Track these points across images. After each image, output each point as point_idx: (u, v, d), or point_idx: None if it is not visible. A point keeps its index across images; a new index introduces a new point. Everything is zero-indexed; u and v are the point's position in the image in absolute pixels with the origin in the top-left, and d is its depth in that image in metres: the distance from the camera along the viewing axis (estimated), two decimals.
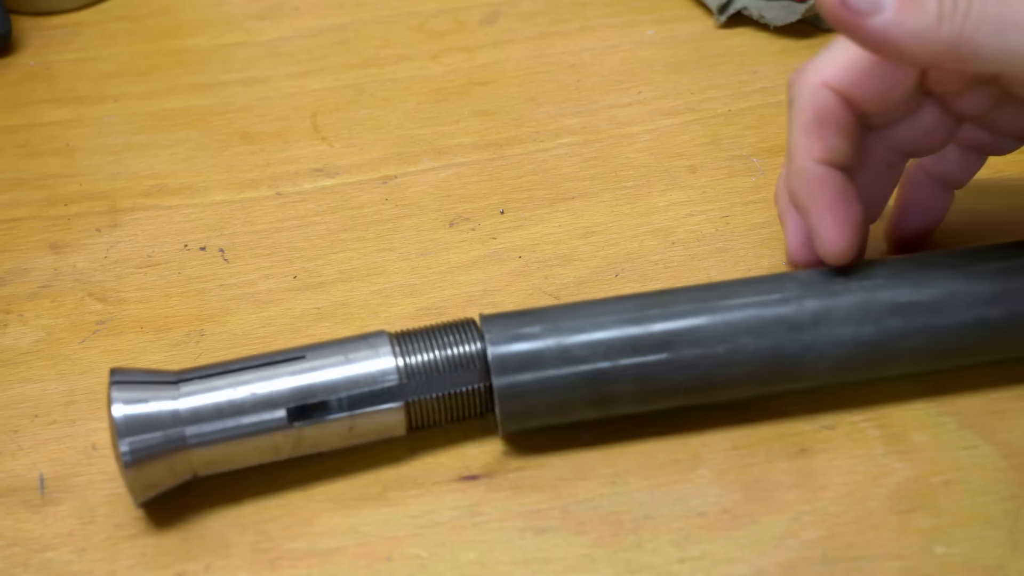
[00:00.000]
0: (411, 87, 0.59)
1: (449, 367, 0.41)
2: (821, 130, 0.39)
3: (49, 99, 0.60)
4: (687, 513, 0.40)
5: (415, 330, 0.42)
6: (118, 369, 0.40)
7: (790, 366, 0.40)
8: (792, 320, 0.40)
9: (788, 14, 0.60)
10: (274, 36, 0.63)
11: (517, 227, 0.51)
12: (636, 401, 0.41)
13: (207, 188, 0.54)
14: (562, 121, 0.56)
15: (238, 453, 0.40)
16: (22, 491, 0.42)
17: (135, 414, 0.39)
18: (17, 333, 0.48)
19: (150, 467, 0.39)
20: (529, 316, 0.41)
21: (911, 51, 0.36)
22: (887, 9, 0.36)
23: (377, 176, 0.54)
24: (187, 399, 0.39)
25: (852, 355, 0.40)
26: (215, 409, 0.39)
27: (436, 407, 0.41)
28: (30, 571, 0.40)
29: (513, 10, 0.63)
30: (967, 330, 0.40)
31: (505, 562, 0.39)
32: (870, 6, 0.36)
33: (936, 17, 0.35)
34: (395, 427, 0.41)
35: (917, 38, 0.35)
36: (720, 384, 0.40)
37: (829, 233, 0.40)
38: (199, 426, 0.39)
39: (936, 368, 0.42)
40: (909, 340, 0.40)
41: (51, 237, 0.52)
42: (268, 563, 0.40)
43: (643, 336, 0.40)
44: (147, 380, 0.40)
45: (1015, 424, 0.42)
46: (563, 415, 0.41)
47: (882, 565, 0.38)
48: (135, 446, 0.39)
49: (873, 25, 0.36)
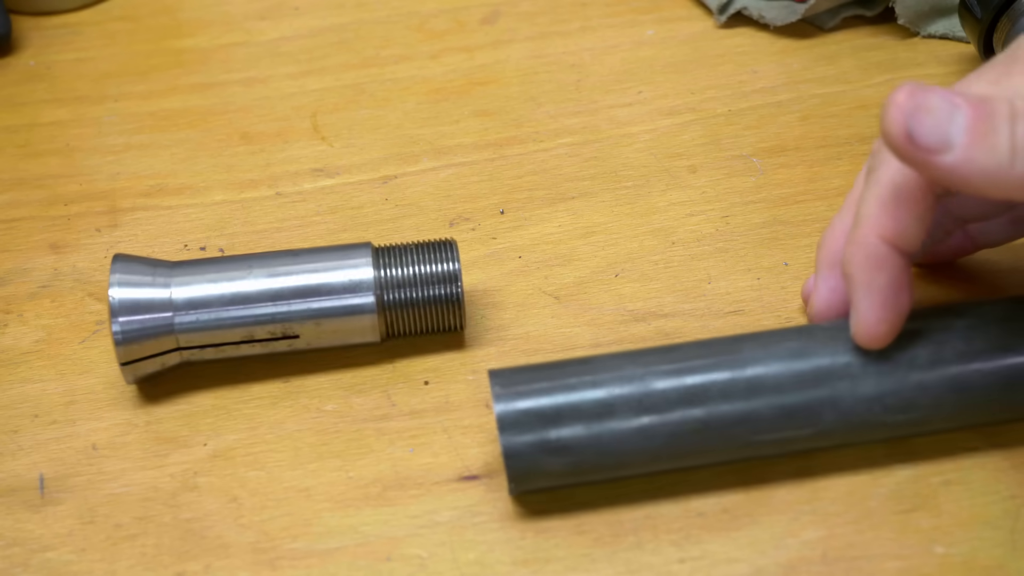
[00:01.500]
0: (411, 87, 0.59)
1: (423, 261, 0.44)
2: (898, 209, 0.37)
3: (49, 99, 0.60)
4: (687, 513, 0.40)
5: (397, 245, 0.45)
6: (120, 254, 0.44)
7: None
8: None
9: (788, 14, 0.60)
10: (274, 36, 0.63)
11: (517, 227, 0.51)
12: (647, 462, 0.40)
13: (207, 188, 0.54)
14: (562, 121, 0.56)
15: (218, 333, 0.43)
16: (22, 491, 0.42)
17: (129, 298, 0.43)
18: (17, 333, 0.48)
19: (139, 346, 0.43)
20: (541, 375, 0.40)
21: (983, 189, 0.34)
22: (957, 147, 0.33)
23: (377, 176, 0.54)
24: (178, 288, 0.43)
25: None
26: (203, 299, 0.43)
27: (405, 279, 0.44)
28: (30, 571, 0.40)
29: (513, 10, 0.63)
30: (996, 384, 0.40)
31: (505, 562, 0.39)
32: (940, 143, 0.33)
33: (1009, 154, 0.33)
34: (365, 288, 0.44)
35: (988, 176, 0.33)
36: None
37: (870, 316, 0.38)
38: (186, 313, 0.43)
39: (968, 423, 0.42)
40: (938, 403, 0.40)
41: (51, 237, 0.52)
42: (268, 563, 0.40)
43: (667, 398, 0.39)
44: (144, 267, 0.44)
45: (1015, 425, 0.42)
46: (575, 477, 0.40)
47: (882, 565, 0.38)
48: (126, 326, 0.42)
49: (943, 163, 0.33)
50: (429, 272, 0.44)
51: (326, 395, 0.45)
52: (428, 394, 0.45)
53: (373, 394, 0.45)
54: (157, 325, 0.43)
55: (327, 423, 0.44)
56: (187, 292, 0.43)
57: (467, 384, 0.45)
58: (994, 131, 0.33)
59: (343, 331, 0.44)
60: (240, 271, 0.44)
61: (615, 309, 0.47)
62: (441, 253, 0.44)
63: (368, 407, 0.44)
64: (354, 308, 0.44)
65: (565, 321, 0.47)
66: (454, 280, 0.44)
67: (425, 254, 0.44)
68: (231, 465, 0.43)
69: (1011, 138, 0.33)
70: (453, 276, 0.44)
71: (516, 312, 0.47)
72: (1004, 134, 0.33)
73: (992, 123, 0.33)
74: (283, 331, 0.43)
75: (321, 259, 0.44)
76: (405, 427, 0.43)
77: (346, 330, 0.44)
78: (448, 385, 0.45)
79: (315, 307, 0.43)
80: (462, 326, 0.45)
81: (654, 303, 0.47)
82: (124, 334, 0.42)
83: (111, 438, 0.44)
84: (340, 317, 0.44)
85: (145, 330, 0.42)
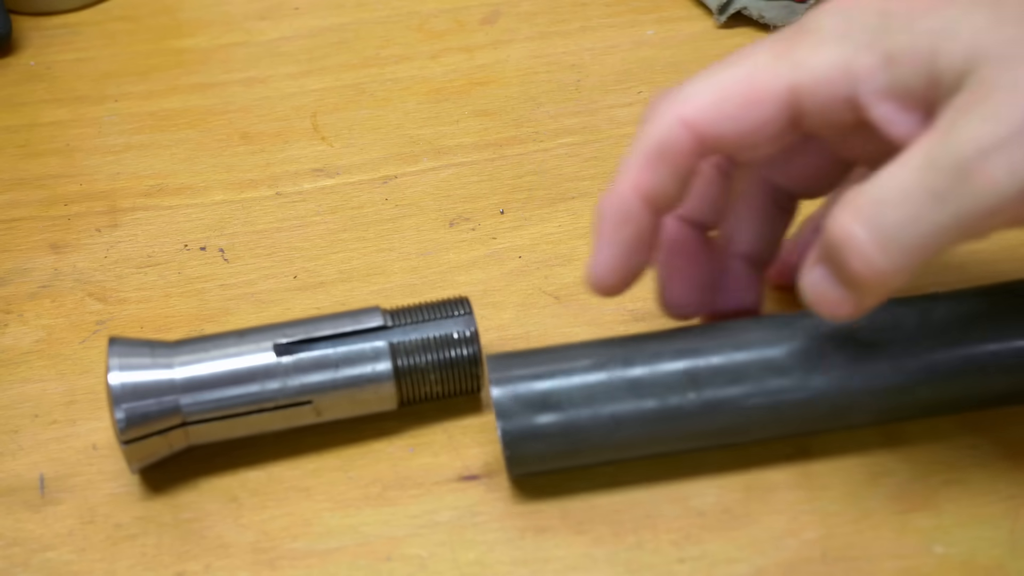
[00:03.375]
0: (411, 87, 0.59)
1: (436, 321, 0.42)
2: (658, 164, 0.37)
3: (49, 99, 0.60)
4: (687, 513, 0.40)
5: (407, 307, 0.43)
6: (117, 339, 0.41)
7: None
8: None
9: (788, 14, 0.60)
10: (274, 36, 0.63)
11: (517, 227, 0.51)
12: (640, 446, 0.40)
13: (207, 188, 0.54)
14: (562, 121, 0.56)
15: (231, 422, 0.41)
16: (22, 491, 0.42)
17: (131, 382, 0.40)
18: (17, 333, 0.48)
19: (145, 435, 0.40)
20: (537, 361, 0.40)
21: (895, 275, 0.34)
22: (851, 294, 0.34)
23: (377, 176, 0.54)
24: (182, 368, 0.40)
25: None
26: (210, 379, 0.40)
27: (421, 349, 0.41)
28: (30, 571, 0.40)
29: (513, 10, 0.63)
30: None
31: (505, 562, 0.39)
32: (841, 299, 0.35)
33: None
34: (383, 374, 0.41)
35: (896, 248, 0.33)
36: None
37: (605, 266, 0.38)
38: (194, 395, 0.40)
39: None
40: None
41: (51, 237, 0.52)
42: (268, 563, 0.40)
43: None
44: (145, 350, 0.41)
45: (1015, 424, 0.42)
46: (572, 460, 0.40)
47: (882, 565, 0.38)
48: (131, 413, 0.39)
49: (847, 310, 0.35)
50: (446, 359, 0.42)
51: None
52: None
53: None
54: (162, 409, 0.40)
55: (327, 423, 0.44)
56: (191, 372, 0.40)
57: None
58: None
59: (358, 401, 0.42)
60: (246, 345, 0.41)
61: (615, 309, 0.47)
62: (457, 324, 0.42)
63: None
64: (370, 377, 0.41)
65: (565, 321, 0.47)
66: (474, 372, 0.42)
67: (437, 313, 0.42)
68: (231, 465, 0.43)
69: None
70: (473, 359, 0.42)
71: (516, 312, 0.47)
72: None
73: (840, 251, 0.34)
74: (295, 402, 0.41)
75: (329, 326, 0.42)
76: (405, 427, 0.43)
77: (361, 400, 0.42)
78: None
79: (327, 379, 0.41)
80: (479, 388, 0.43)
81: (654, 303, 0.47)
82: (128, 421, 0.40)
83: (111, 438, 0.44)
84: (354, 388, 0.41)
85: (149, 416, 0.40)
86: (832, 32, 0.35)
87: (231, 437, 0.42)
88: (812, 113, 0.35)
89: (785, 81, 0.35)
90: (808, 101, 0.35)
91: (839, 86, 0.35)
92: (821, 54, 0.35)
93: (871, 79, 0.34)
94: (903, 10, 0.34)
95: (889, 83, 0.34)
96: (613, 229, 0.38)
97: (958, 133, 0.32)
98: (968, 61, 0.32)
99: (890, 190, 0.33)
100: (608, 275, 0.38)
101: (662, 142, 0.36)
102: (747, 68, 0.36)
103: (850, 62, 0.34)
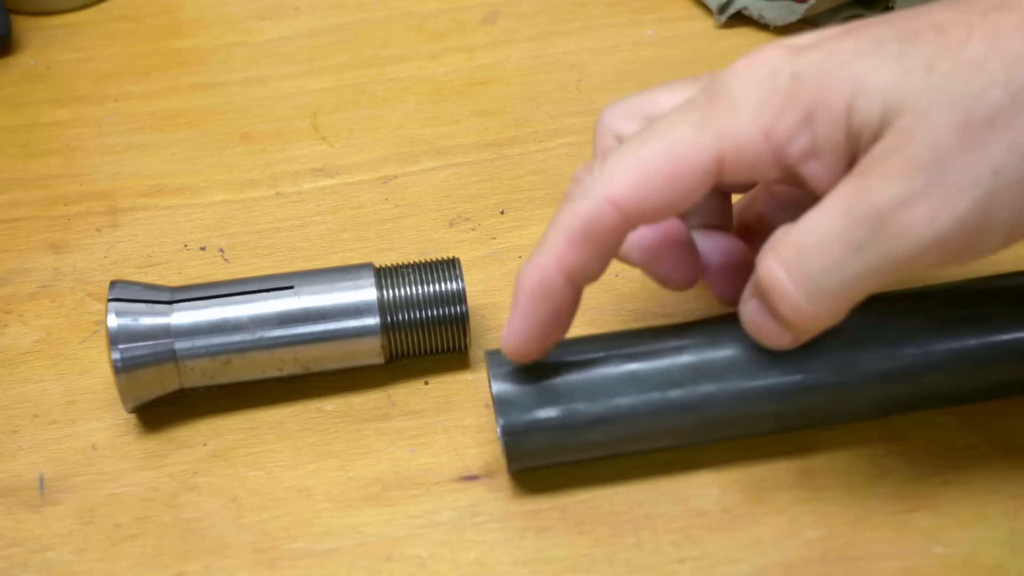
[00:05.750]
0: (411, 87, 0.59)
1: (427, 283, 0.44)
2: (583, 244, 0.36)
3: (49, 99, 0.60)
4: (687, 513, 0.40)
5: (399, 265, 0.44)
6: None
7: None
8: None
9: (788, 14, 0.60)
10: (274, 36, 0.63)
11: (517, 227, 0.51)
12: (639, 440, 0.40)
13: (207, 188, 0.54)
14: (562, 121, 0.56)
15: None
16: (22, 491, 0.42)
17: (128, 325, 0.42)
18: (17, 333, 0.48)
19: (139, 375, 0.42)
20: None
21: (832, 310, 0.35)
22: (785, 335, 0.36)
23: (377, 176, 0.54)
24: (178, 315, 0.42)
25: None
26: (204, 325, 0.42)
27: (408, 289, 0.43)
28: (30, 571, 0.40)
29: (513, 10, 0.63)
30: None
31: (505, 562, 0.39)
32: (780, 333, 0.37)
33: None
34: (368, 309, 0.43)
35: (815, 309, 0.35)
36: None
37: (519, 338, 0.38)
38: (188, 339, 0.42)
39: None
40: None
41: (51, 237, 0.52)
42: (268, 563, 0.40)
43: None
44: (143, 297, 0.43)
45: (1015, 424, 0.42)
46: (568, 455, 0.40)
47: (882, 565, 0.38)
48: (126, 354, 0.41)
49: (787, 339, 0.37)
50: (433, 292, 0.43)
51: (326, 395, 0.45)
52: (428, 394, 0.45)
53: (373, 394, 0.45)
54: (158, 352, 0.42)
55: (327, 423, 0.44)
56: (186, 318, 0.42)
57: (467, 384, 0.45)
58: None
59: (346, 354, 0.43)
60: (240, 295, 0.43)
61: (615, 309, 0.47)
62: (445, 272, 0.44)
63: (368, 407, 0.44)
64: (358, 331, 0.43)
65: None
66: (459, 301, 0.44)
67: (429, 273, 0.44)
68: (231, 465, 0.43)
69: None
70: (458, 297, 0.43)
71: None
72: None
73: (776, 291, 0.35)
74: (294, 358, 0.43)
75: (323, 280, 0.43)
76: (405, 427, 0.43)
77: (349, 353, 0.43)
78: (448, 385, 0.45)
79: (318, 331, 0.43)
80: (467, 346, 0.45)
81: (654, 303, 0.47)
82: (124, 362, 0.41)
83: (111, 438, 0.44)
84: (343, 340, 0.43)
85: (144, 357, 0.42)
86: (748, 98, 0.35)
87: (222, 382, 0.43)
88: (738, 175, 0.36)
89: (708, 152, 0.35)
90: (732, 167, 0.35)
91: (763, 151, 0.35)
92: (741, 122, 0.35)
93: (793, 141, 0.35)
94: (814, 71, 0.34)
95: (810, 143, 0.35)
96: (531, 304, 0.38)
97: (876, 183, 0.33)
98: (883, 113, 0.33)
99: (812, 237, 0.34)
100: (523, 346, 0.38)
101: (589, 222, 0.36)
102: (668, 142, 0.36)
103: (771, 128, 0.35)
